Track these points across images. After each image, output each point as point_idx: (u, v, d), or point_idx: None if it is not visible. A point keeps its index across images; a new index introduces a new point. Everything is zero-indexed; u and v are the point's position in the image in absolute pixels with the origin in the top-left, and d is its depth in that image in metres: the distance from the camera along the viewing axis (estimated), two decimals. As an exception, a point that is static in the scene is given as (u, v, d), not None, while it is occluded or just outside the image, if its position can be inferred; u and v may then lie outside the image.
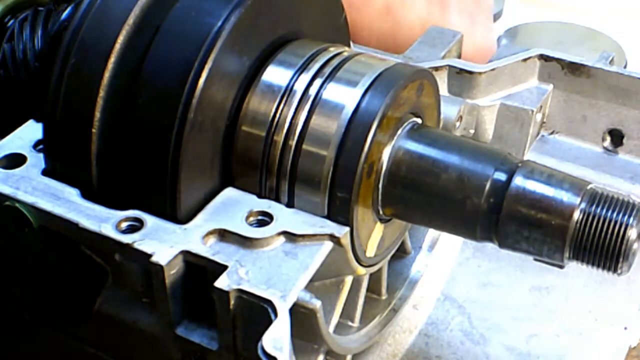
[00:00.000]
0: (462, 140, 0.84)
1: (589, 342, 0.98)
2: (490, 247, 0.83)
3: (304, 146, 0.77)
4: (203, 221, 0.75)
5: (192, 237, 0.73)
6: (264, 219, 0.75)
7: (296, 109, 0.78)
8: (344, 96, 0.78)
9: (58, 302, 0.85)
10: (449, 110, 0.95)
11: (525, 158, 1.05)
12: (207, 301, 0.71)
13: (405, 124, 0.81)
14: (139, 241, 0.72)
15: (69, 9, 1.09)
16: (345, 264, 0.78)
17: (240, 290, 0.68)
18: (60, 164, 0.80)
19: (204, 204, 0.77)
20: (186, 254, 0.72)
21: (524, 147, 1.07)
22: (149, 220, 0.74)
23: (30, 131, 0.84)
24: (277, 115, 0.78)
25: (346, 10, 0.91)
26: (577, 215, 0.74)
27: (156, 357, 0.79)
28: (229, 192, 0.78)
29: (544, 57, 1.06)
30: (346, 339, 0.89)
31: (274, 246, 0.73)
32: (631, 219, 0.74)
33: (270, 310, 0.67)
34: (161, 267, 0.70)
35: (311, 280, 0.72)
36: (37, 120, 0.85)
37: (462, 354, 0.99)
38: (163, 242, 0.72)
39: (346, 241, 0.75)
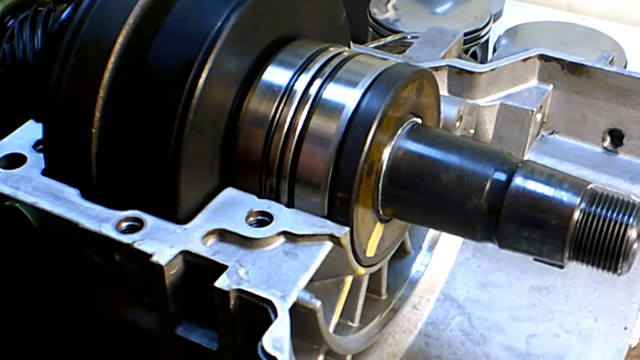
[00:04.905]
0: (462, 140, 0.84)
1: (589, 342, 0.98)
2: (490, 247, 0.83)
3: (304, 146, 0.77)
4: (203, 221, 0.75)
5: (192, 237, 0.73)
6: (264, 219, 0.75)
7: (296, 109, 0.78)
8: (344, 96, 0.78)
9: (58, 302, 0.85)
10: (449, 110, 0.95)
11: (525, 158, 1.05)
12: (207, 301, 0.71)
13: (405, 124, 0.81)
14: (139, 241, 0.72)
15: (69, 9, 1.09)
16: (345, 264, 0.78)
17: (240, 290, 0.68)
18: (60, 164, 0.79)
19: (204, 204, 0.77)
20: (186, 254, 0.71)
21: (524, 147, 1.06)
22: (149, 220, 0.74)
23: (30, 131, 0.84)
24: (277, 115, 0.78)
25: None
26: (577, 215, 0.74)
27: (156, 357, 0.79)
28: (229, 192, 0.78)
29: (544, 57, 1.06)
30: (346, 339, 0.89)
31: (274, 246, 0.73)
32: (631, 219, 0.74)
33: (270, 310, 0.67)
34: (161, 267, 0.70)
35: (311, 280, 0.72)
36: (37, 120, 0.85)
37: (462, 354, 0.99)
38: (163, 242, 0.72)
39: (346, 241, 0.75)
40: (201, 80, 0.73)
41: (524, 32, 1.69)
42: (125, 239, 0.72)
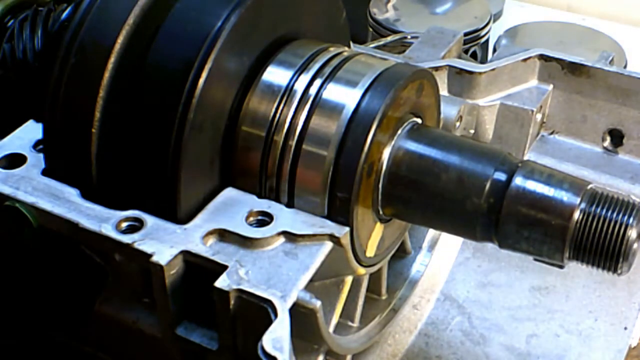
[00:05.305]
0: (462, 140, 0.84)
1: (589, 342, 0.98)
2: (490, 247, 0.83)
3: (304, 146, 0.77)
4: (203, 221, 0.75)
5: (192, 237, 0.73)
6: (264, 219, 0.75)
7: (296, 109, 0.78)
8: (344, 96, 0.78)
9: (58, 303, 0.85)
10: (449, 110, 0.95)
11: (525, 158, 1.05)
12: (207, 301, 0.71)
13: (405, 124, 0.81)
14: (139, 241, 0.72)
15: (69, 9, 1.09)
16: (345, 264, 0.78)
17: (240, 290, 0.68)
18: (60, 164, 0.79)
19: (204, 204, 0.77)
20: (186, 254, 0.71)
21: (524, 147, 1.06)
22: (149, 220, 0.74)
23: (30, 131, 0.84)
24: (277, 115, 0.78)
25: None
26: (577, 215, 0.74)
27: (156, 357, 0.79)
28: (229, 192, 0.78)
29: (544, 57, 1.06)
30: (346, 339, 0.89)
31: (274, 246, 0.73)
32: (631, 219, 0.74)
33: (270, 310, 0.67)
34: (161, 267, 0.70)
35: (311, 280, 0.72)
36: (37, 120, 0.85)
37: (462, 354, 0.99)
38: (163, 242, 0.72)
39: (346, 241, 0.75)
40: (201, 80, 0.73)
41: (524, 32, 1.68)
42: (125, 239, 0.72)
